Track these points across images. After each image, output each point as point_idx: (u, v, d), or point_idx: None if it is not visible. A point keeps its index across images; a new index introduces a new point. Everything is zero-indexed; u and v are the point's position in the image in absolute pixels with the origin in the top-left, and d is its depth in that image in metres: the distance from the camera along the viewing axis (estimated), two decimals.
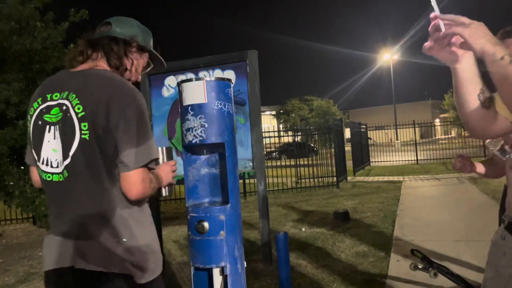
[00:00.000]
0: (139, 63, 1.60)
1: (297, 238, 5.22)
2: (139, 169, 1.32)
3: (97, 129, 1.31)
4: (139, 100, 1.36)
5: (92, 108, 1.32)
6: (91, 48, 1.49)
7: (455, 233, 4.95)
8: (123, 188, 1.33)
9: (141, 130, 1.33)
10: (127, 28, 1.55)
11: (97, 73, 1.41)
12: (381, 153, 18.04)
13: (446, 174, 11.39)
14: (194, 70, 4.57)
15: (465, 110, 1.22)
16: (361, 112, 58.76)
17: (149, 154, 1.35)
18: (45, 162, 1.40)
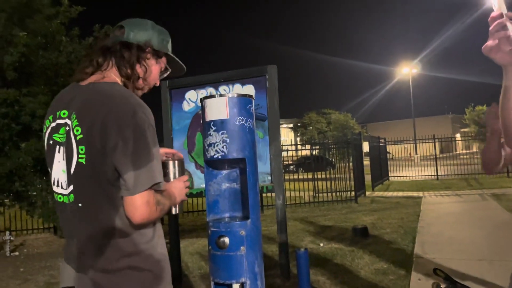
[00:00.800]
0: (154, 69, 1.49)
1: (315, 254, 5.17)
2: (144, 192, 1.22)
3: (94, 152, 1.24)
4: (140, 118, 1.24)
5: (88, 130, 1.25)
6: (102, 57, 1.40)
7: (478, 252, 4.82)
8: (126, 212, 1.24)
9: (140, 151, 1.22)
10: (141, 32, 1.44)
11: (99, 89, 1.32)
12: (400, 167, 17.78)
13: (468, 191, 11.14)
14: (214, 85, 4.63)
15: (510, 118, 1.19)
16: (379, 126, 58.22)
17: (151, 178, 1.24)
18: (56, 183, 1.36)
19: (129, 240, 1.29)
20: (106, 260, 1.26)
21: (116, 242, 1.27)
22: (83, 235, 1.30)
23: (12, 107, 5.71)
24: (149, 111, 1.30)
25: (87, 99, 1.30)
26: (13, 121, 5.76)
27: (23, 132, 5.91)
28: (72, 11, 6.68)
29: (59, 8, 6.59)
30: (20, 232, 7.96)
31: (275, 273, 4.37)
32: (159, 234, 1.40)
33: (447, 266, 4.20)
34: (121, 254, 1.27)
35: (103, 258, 1.27)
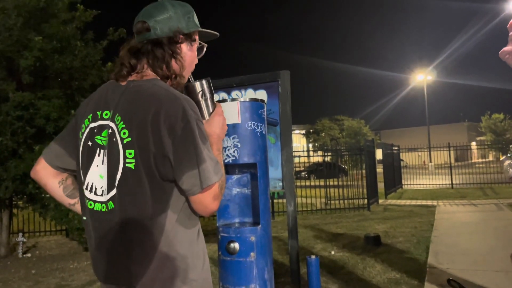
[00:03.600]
0: (190, 56, 1.37)
1: (327, 262, 5.09)
2: (209, 187, 1.17)
3: (146, 156, 1.16)
4: (190, 115, 1.17)
5: (138, 132, 1.17)
6: (135, 59, 1.29)
7: (494, 263, 4.69)
8: (196, 210, 1.22)
9: (197, 149, 1.16)
10: (165, 20, 1.30)
11: (142, 88, 1.24)
12: (414, 175, 17.54)
13: (484, 200, 10.92)
14: (227, 90, 4.62)
15: None
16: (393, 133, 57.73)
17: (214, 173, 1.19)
18: (89, 188, 1.27)
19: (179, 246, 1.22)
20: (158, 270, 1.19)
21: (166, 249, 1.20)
22: (127, 245, 1.21)
23: (27, 110, 5.79)
24: (195, 106, 1.24)
25: (132, 99, 1.22)
26: (27, 124, 5.83)
27: (37, 135, 5.98)
28: (87, 15, 6.76)
29: (75, 13, 6.68)
30: (32, 234, 8.04)
31: (286, 280, 4.32)
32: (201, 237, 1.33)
33: (461, 277, 4.10)
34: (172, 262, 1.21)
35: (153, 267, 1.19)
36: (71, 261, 5.85)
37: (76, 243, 7.00)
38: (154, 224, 1.19)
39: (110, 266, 1.24)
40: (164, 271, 1.19)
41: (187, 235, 1.24)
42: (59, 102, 5.82)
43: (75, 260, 5.87)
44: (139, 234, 1.20)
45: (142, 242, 1.19)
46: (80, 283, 4.77)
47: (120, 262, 1.21)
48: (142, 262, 1.19)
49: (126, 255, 1.20)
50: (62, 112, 5.84)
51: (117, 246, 1.22)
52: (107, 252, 1.24)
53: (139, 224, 1.19)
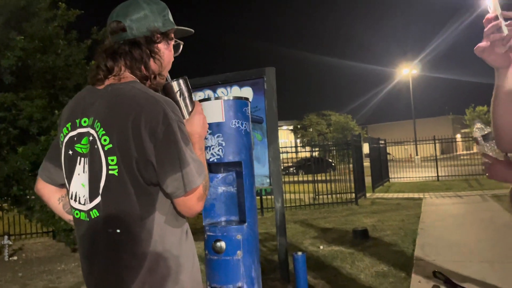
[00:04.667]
0: (167, 54, 1.35)
1: (315, 257, 5.13)
2: (193, 190, 1.17)
3: (128, 161, 1.15)
4: (170, 117, 1.15)
5: (120, 139, 1.15)
6: (112, 61, 1.26)
7: (480, 254, 4.78)
8: (181, 212, 1.22)
9: (176, 154, 1.14)
10: (142, 20, 1.26)
11: (120, 91, 1.21)
12: (400, 169, 17.73)
13: (469, 192, 11.10)
14: (212, 87, 4.60)
15: (501, 119, 1.18)
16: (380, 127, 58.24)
17: (197, 176, 1.17)
18: (73, 197, 1.26)
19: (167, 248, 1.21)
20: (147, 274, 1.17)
21: (155, 252, 1.19)
22: (114, 253, 1.19)
23: (9, 111, 5.69)
24: (176, 107, 1.22)
25: (110, 104, 1.19)
26: (10, 125, 5.74)
27: (21, 136, 5.88)
28: (69, 14, 6.66)
29: (57, 12, 6.57)
30: (18, 236, 7.92)
31: (275, 276, 4.34)
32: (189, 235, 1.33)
33: (447, 268, 4.16)
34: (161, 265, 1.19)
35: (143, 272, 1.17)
36: (59, 263, 5.78)
37: (63, 244, 6.92)
38: (141, 228, 1.18)
39: (100, 274, 1.22)
40: (155, 273, 1.18)
41: (175, 236, 1.24)
42: (42, 102, 5.73)
43: (63, 262, 5.81)
44: (127, 239, 1.18)
45: (131, 247, 1.18)
46: (68, 285, 4.72)
47: (110, 269, 1.20)
48: (132, 267, 1.17)
49: (116, 261, 1.19)
50: (45, 112, 5.76)
51: (106, 254, 1.20)
52: (96, 260, 1.23)
53: (127, 229, 1.18)
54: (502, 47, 1.07)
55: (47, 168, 1.39)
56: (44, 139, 5.48)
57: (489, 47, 1.08)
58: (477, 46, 1.10)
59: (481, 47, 1.09)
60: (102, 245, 1.20)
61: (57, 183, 1.40)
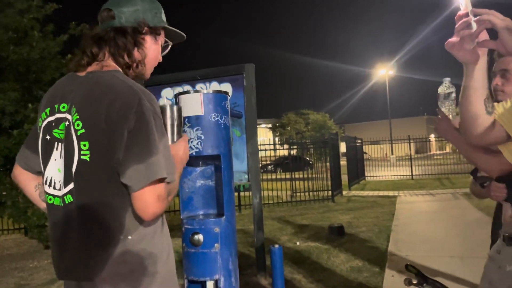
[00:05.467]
0: (154, 49, 1.36)
1: (292, 252, 5.19)
2: (154, 185, 1.11)
3: (99, 147, 1.14)
4: (146, 107, 1.14)
5: (91, 123, 1.15)
6: (97, 47, 1.27)
7: (450, 249, 4.94)
8: (136, 209, 1.13)
9: (145, 143, 1.12)
10: (132, 10, 1.29)
11: (99, 79, 1.21)
12: (376, 167, 18.06)
13: (441, 190, 11.42)
14: (191, 82, 4.59)
15: (469, 113, 1.24)
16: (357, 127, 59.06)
17: (155, 172, 1.11)
18: (48, 182, 1.25)
19: (139, 239, 1.19)
20: (117, 264, 1.16)
21: (126, 243, 1.17)
22: (85, 240, 1.18)
23: None
24: (154, 99, 1.20)
25: (88, 90, 1.19)
26: None
27: None
28: (47, 8, 6.49)
29: (32, 2, 6.39)
30: None
31: (252, 271, 4.37)
32: (165, 229, 1.32)
33: (419, 263, 4.28)
34: (132, 256, 1.17)
35: (112, 262, 1.16)
36: (31, 260, 5.65)
37: (35, 241, 6.76)
38: (113, 218, 1.16)
39: (70, 261, 1.21)
40: (125, 264, 1.17)
41: (149, 228, 1.22)
42: (15, 95, 5.59)
43: (35, 259, 5.68)
44: (98, 228, 1.17)
45: (102, 236, 1.17)
46: (40, 282, 4.63)
47: (79, 257, 1.19)
48: (101, 257, 1.16)
49: (85, 249, 1.18)
50: (18, 105, 5.61)
51: (76, 241, 1.19)
52: (66, 247, 1.22)
53: (98, 217, 1.17)
54: (471, 43, 1.12)
55: (25, 155, 1.38)
56: (17, 133, 5.35)
57: (459, 42, 1.13)
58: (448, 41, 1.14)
59: (451, 43, 1.14)
60: (74, 231, 1.19)
61: (34, 170, 1.38)
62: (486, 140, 1.31)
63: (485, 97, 1.21)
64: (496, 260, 1.72)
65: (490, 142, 1.34)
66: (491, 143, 1.40)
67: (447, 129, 1.65)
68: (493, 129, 1.26)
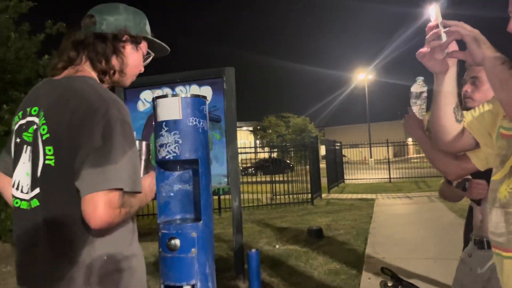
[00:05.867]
0: (135, 58, 1.36)
1: (271, 255, 5.21)
2: (106, 191, 1.06)
3: (63, 152, 1.13)
4: (112, 115, 1.12)
5: (56, 128, 1.15)
6: (74, 51, 1.27)
7: (425, 251, 5.05)
8: (84, 214, 1.07)
9: (106, 149, 1.09)
10: (114, 18, 1.30)
11: (71, 84, 1.21)
12: (355, 170, 18.31)
13: (418, 193, 11.65)
14: (171, 85, 4.57)
15: (439, 121, 1.28)
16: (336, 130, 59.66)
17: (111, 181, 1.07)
18: (16, 186, 1.24)
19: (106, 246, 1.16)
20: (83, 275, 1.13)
21: (92, 252, 1.15)
22: (50, 249, 1.15)
23: None
24: (124, 108, 1.19)
25: (57, 95, 1.20)
26: None
27: None
28: (22, 6, 6.36)
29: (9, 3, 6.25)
30: None
31: (231, 275, 4.36)
32: (136, 235, 1.29)
33: (395, 265, 4.37)
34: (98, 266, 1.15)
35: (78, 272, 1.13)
36: (4, 264, 5.50)
37: (8, 245, 6.57)
38: (78, 224, 1.13)
39: (34, 270, 1.19)
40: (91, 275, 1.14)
41: (116, 235, 1.19)
42: None
43: (8, 263, 5.53)
44: (63, 235, 1.15)
45: (67, 245, 1.15)
46: (13, 286, 4.51)
47: (44, 267, 1.17)
48: (64, 264, 1.14)
49: (51, 258, 1.16)
50: None
51: (41, 248, 1.17)
52: (32, 254, 1.20)
53: (63, 224, 1.15)
54: (441, 53, 1.16)
55: (4, 159, 1.36)
56: None
57: (429, 53, 1.17)
58: (419, 51, 1.18)
59: (421, 53, 1.18)
60: (40, 237, 1.17)
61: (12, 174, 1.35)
62: (455, 147, 1.36)
63: (454, 105, 1.25)
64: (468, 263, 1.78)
65: (460, 149, 1.39)
66: (460, 150, 1.44)
67: (414, 128, 1.70)
68: (462, 137, 1.30)
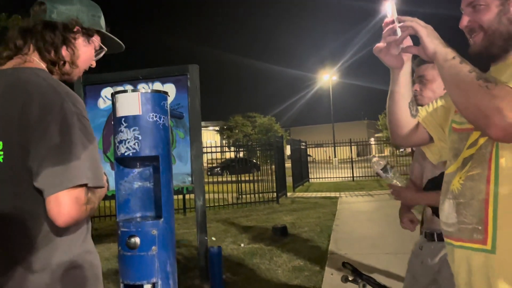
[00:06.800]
0: (86, 50, 1.31)
1: (236, 254, 5.20)
2: (71, 189, 1.05)
3: (13, 149, 1.08)
4: (68, 109, 1.09)
5: (5, 124, 1.10)
6: (22, 39, 1.21)
7: (386, 246, 5.20)
8: (49, 212, 1.05)
9: (63, 146, 1.06)
10: (66, 8, 1.25)
11: (20, 75, 1.15)
12: (319, 169, 18.59)
13: (379, 191, 11.99)
14: (133, 82, 4.47)
15: (395, 116, 1.31)
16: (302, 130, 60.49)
17: (74, 177, 1.05)
18: None
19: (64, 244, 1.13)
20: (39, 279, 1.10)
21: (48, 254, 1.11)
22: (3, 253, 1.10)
23: None
24: (80, 101, 1.15)
25: (6, 88, 1.13)
26: None
27: None
28: None
29: None
30: None
31: (195, 274, 4.32)
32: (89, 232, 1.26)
33: (357, 260, 4.47)
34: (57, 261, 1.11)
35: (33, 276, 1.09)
36: None
37: None
38: (31, 223, 1.09)
39: None
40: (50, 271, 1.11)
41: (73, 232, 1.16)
42: None
43: None
44: (9, 234, 1.11)
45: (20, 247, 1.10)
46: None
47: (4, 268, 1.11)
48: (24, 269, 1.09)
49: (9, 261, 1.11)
50: None
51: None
52: None
53: (15, 224, 1.11)
54: (396, 49, 1.19)
55: None
56: None
57: (385, 48, 1.20)
58: (375, 46, 1.21)
59: (378, 48, 1.20)
60: None
61: None
62: (411, 141, 1.40)
63: (409, 100, 1.29)
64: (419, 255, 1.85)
65: (414, 143, 1.44)
66: (415, 144, 1.50)
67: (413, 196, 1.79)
68: (417, 131, 1.35)
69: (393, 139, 1.42)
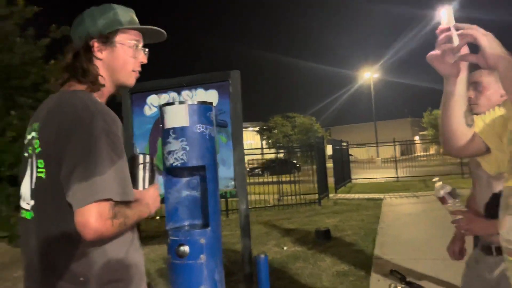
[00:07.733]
0: (117, 55, 1.32)
1: (279, 258, 5.21)
2: (95, 203, 1.08)
3: (52, 165, 1.16)
4: (97, 125, 1.13)
5: (46, 142, 1.19)
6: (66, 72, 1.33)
7: (433, 251, 5.01)
8: (77, 226, 1.09)
9: (90, 161, 1.10)
10: (78, 29, 1.32)
11: (62, 98, 1.26)
12: (362, 170, 18.25)
13: (425, 192, 11.57)
14: (177, 89, 4.56)
15: (450, 126, 1.26)
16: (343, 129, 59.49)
17: (98, 192, 1.08)
18: (22, 197, 1.29)
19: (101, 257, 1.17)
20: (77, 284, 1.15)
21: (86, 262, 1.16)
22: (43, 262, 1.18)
23: None
24: (112, 118, 1.19)
25: (50, 109, 1.25)
26: None
27: None
28: (27, 11, 6.41)
29: (14, 8, 6.30)
30: None
31: (239, 278, 4.37)
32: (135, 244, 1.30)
33: (404, 266, 4.35)
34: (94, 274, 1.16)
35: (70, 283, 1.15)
36: (14, 269, 5.56)
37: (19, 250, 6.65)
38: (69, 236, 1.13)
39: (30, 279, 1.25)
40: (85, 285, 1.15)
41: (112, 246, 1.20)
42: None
43: (19, 269, 5.58)
44: (52, 246, 1.18)
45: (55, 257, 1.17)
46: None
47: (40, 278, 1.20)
48: (52, 279, 1.16)
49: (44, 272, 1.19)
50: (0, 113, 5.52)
51: (36, 261, 1.21)
52: (30, 265, 1.24)
53: (52, 235, 1.17)
54: (452, 57, 1.14)
55: None
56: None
57: (440, 56, 1.15)
58: (429, 54, 1.17)
59: (432, 55, 1.16)
60: (33, 248, 1.21)
61: None
62: (466, 152, 1.35)
63: (465, 109, 1.24)
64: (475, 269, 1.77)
65: (470, 153, 1.38)
66: (470, 155, 1.44)
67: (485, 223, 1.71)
68: (473, 142, 1.29)
69: (446, 149, 1.37)
